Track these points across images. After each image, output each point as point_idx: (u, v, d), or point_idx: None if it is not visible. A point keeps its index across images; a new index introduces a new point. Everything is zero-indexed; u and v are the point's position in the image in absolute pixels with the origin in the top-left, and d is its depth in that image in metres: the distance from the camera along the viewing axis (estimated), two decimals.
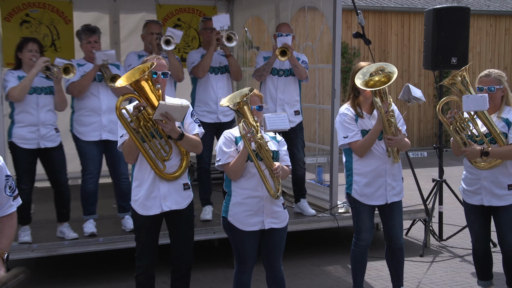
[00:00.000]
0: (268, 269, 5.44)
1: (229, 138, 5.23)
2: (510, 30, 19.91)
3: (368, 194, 5.71)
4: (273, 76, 7.72)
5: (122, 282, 6.79)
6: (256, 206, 5.19)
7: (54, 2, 9.62)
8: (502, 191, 5.61)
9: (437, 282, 6.84)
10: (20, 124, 6.76)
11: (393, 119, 5.50)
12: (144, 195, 5.16)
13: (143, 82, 4.88)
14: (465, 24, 8.22)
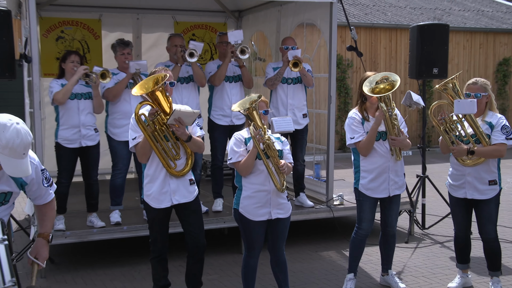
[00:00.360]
0: (272, 254, 5.53)
1: (239, 139, 5.32)
2: (483, 45, 20.04)
3: (373, 188, 5.82)
4: (283, 84, 7.80)
5: (143, 265, 6.79)
6: (264, 199, 5.28)
7: (85, 20, 9.74)
8: (483, 186, 5.71)
9: (420, 265, 6.95)
10: (64, 126, 6.92)
11: (396, 122, 5.65)
12: (156, 190, 5.27)
13: (157, 92, 5.05)
14: (444, 39, 8.37)
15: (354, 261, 6.07)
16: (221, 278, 6.53)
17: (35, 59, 6.91)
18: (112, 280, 6.60)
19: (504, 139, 5.58)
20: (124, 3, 9.54)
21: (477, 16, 22.40)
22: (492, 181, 5.74)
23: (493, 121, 5.67)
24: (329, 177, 8.04)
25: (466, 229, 6.05)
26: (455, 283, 6.14)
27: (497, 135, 5.61)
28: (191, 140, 5.19)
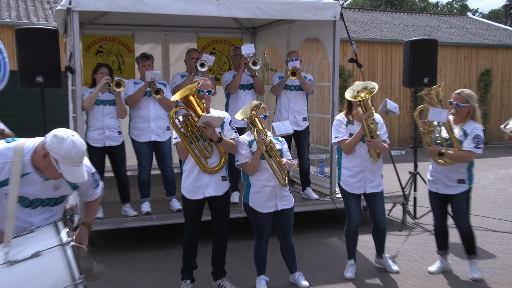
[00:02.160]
0: (282, 241, 5.66)
1: (243, 142, 5.38)
2: (467, 57, 20.06)
3: (350, 184, 5.86)
4: (286, 90, 7.86)
5: (170, 249, 6.98)
6: (270, 193, 5.39)
7: (120, 37, 9.86)
8: (452, 183, 5.79)
9: (412, 251, 7.00)
10: (91, 128, 7.05)
11: (373, 126, 5.61)
12: (190, 184, 5.32)
13: (191, 97, 5.09)
14: (434, 53, 8.41)
15: (351, 249, 6.13)
16: (238, 260, 6.61)
17: (77, 70, 7.03)
18: (143, 261, 6.67)
19: (473, 147, 5.59)
20: (154, 22, 9.58)
21: (462, 32, 22.44)
22: (460, 180, 5.79)
23: (468, 130, 5.67)
24: (332, 173, 8.04)
25: (443, 220, 6.10)
26: (435, 267, 6.20)
27: (468, 143, 5.62)
28: (221, 141, 5.21)
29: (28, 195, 3.50)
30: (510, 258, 6.73)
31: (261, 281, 5.64)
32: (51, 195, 3.61)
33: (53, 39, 6.98)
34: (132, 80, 7.39)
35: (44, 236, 3.22)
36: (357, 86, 5.74)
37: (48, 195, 3.59)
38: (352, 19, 21.29)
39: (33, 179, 3.47)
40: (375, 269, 6.32)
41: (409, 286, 5.79)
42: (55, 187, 3.58)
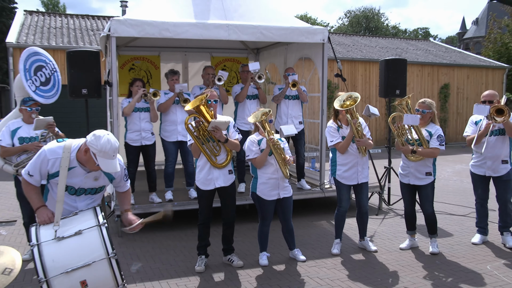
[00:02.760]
0: (283, 223, 5.68)
1: (253, 141, 5.40)
2: (430, 74, 20.11)
3: (346, 177, 5.82)
4: (285, 99, 7.80)
5: (188, 230, 6.98)
6: (274, 184, 5.41)
7: (149, 56, 9.83)
8: (421, 176, 5.79)
9: (386, 231, 6.99)
10: (130, 131, 7.03)
11: (359, 128, 5.65)
12: (203, 177, 5.32)
13: (201, 106, 5.13)
14: (403, 69, 8.33)
15: (339, 230, 6.10)
16: (243, 240, 6.54)
17: (114, 84, 7.02)
18: (166, 239, 6.63)
19: (438, 145, 5.67)
20: (175, 44, 9.57)
21: (426, 54, 22.50)
22: (428, 173, 5.81)
23: (432, 131, 5.74)
24: (322, 168, 7.98)
25: (412, 206, 6.09)
26: (404, 244, 6.20)
27: (433, 142, 5.69)
28: (227, 142, 5.21)
29: (74, 184, 3.60)
30: (464, 236, 6.75)
31: (263, 256, 5.66)
32: (92, 185, 3.70)
33: (95, 59, 7.02)
34: (162, 91, 7.33)
35: (85, 218, 3.31)
36: (343, 96, 5.75)
37: (89, 185, 3.68)
38: (337, 42, 21.25)
39: (78, 172, 3.59)
40: (357, 247, 6.26)
41: (384, 260, 5.78)
42: (95, 178, 3.67)
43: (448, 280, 5.14)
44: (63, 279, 2.95)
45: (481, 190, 6.24)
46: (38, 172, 3.55)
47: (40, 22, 18.95)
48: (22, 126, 5.67)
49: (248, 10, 7.61)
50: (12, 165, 5.58)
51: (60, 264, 3.00)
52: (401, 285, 5.03)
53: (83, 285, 3.04)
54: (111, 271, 3.10)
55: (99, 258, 3.08)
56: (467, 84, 21.00)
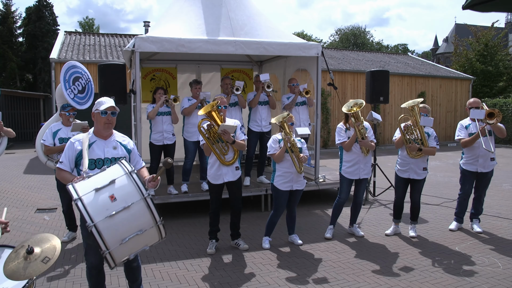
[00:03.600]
0: (288, 209, 5.64)
1: (275, 139, 5.36)
2: (409, 83, 19.91)
3: (349, 172, 5.75)
4: (295, 106, 7.68)
5: (201, 218, 6.86)
6: (290, 177, 5.36)
7: (167, 68, 9.73)
8: (420, 171, 5.74)
9: (372, 219, 6.91)
10: (154, 132, 6.96)
11: (362, 130, 5.58)
12: (213, 173, 5.29)
13: (212, 112, 5.10)
14: (386, 80, 8.27)
15: (334, 217, 6.03)
16: (248, 227, 6.46)
17: (138, 92, 6.99)
18: (182, 226, 6.56)
19: (435, 145, 5.68)
20: (190, 58, 9.47)
21: (405, 66, 22.35)
22: (424, 168, 5.78)
23: (429, 132, 5.74)
24: (316, 164, 7.89)
25: (403, 197, 6.02)
26: (389, 230, 6.12)
27: (432, 142, 5.69)
28: (234, 143, 5.17)
29: (98, 156, 3.55)
30: (438, 222, 6.72)
31: (266, 240, 5.63)
32: (112, 155, 3.59)
33: (122, 71, 6.99)
34: (186, 98, 7.24)
35: (114, 170, 3.20)
36: (350, 102, 5.71)
37: (110, 154, 3.58)
38: (329, 56, 21.12)
39: (98, 144, 3.58)
40: (347, 233, 6.19)
41: (370, 244, 5.72)
42: (114, 147, 3.62)
43: (424, 259, 5.10)
44: (108, 223, 2.91)
45: (469, 186, 6.13)
46: (66, 158, 3.55)
47: (77, 41, 19.02)
48: (62, 128, 5.73)
49: (252, 28, 7.54)
50: (54, 161, 5.69)
51: (101, 210, 2.96)
52: (384, 265, 4.97)
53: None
54: (148, 210, 3.04)
55: (136, 200, 3.01)
56: (440, 92, 20.89)
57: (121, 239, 2.94)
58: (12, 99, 22.05)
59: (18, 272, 2.54)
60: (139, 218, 3.01)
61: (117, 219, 2.94)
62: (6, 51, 30.04)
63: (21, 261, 2.58)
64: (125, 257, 3.06)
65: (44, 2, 33.29)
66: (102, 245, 2.90)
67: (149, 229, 3.04)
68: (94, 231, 2.88)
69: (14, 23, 32.73)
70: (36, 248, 2.65)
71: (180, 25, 7.27)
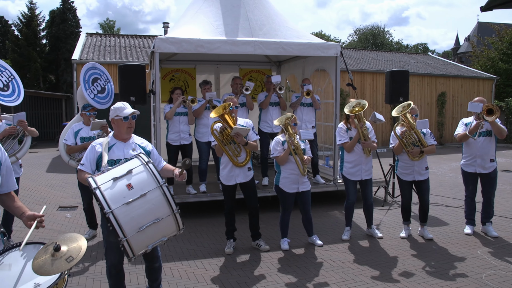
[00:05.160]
0: (303, 213, 5.58)
1: (278, 141, 5.32)
2: (429, 83, 19.55)
3: (351, 173, 5.71)
4: (300, 107, 7.69)
5: (218, 218, 6.79)
6: (294, 179, 5.32)
7: (186, 68, 9.80)
8: (423, 171, 5.69)
9: (390, 220, 6.83)
10: (171, 132, 7.00)
11: (365, 132, 5.54)
12: (226, 174, 5.30)
13: (225, 115, 5.10)
14: (406, 80, 8.11)
15: (348, 219, 5.99)
16: (266, 227, 6.44)
17: (157, 92, 7.06)
18: (200, 225, 6.58)
19: (433, 141, 5.65)
20: (209, 58, 9.54)
21: (425, 66, 21.99)
22: (426, 167, 5.75)
23: (424, 131, 5.67)
24: (335, 165, 7.83)
25: (410, 200, 5.96)
26: (404, 233, 6.03)
27: (429, 140, 5.65)
28: (247, 144, 5.17)
29: (118, 157, 3.62)
30: (458, 225, 6.56)
31: (284, 241, 5.58)
32: (131, 156, 3.61)
33: (142, 72, 7.01)
34: (198, 98, 7.29)
35: (132, 162, 3.28)
36: (352, 103, 5.66)
37: (129, 155, 3.62)
38: (348, 56, 20.94)
39: (118, 146, 3.67)
40: (365, 234, 6.13)
41: (388, 246, 5.64)
42: (133, 149, 3.68)
43: (445, 262, 5.00)
44: (124, 210, 2.97)
45: (472, 187, 6.03)
46: (87, 159, 3.61)
47: (98, 42, 19.31)
48: (83, 128, 5.82)
49: (271, 28, 7.53)
50: (75, 160, 5.78)
51: (119, 197, 3.02)
52: (403, 267, 4.89)
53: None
54: (164, 198, 3.08)
55: (152, 188, 3.06)
56: (461, 92, 20.49)
57: (138, 227, 2.98)
58: (36, 100, 22.52)
59: (43, 267, 2.61)
60: (155, 206, 3.05)
61: (133, 206, 2.99)
62: (31, 52, 30.71)
63: (48, 257, 2.66)
64: (143, 248, 3.08)
65: (68, 5, 33.94)
66: (119, 232, 2.95)
67: (165, 217, 3.08)
68: (111, 218, 2.94)
69: (38, 26, 33.44)
70: (63, 246, 2.71)
71: (199, 26, 7.31)
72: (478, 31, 55.84)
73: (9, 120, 5.47)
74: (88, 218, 6.09)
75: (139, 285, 4.47)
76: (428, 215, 5.93)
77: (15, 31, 34.58)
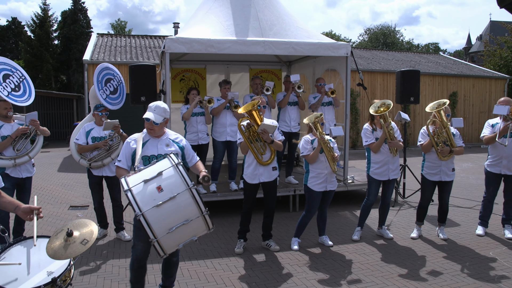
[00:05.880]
0: (319, 210, 5.57)
1: (307, 140, 5.30)
2: (440, 83, 19.31)
3: (378, 173, 5.65)
4: (321, 106, 7.63)
5: (228, 218, 6.88)
6: (323, 178, 5.29)
7: (196, 68, 9.77)
8: (450, 172, 5.64)
9: (401, 221, 6.77)
10: (189, 132, 7.03)
11: (391, 131, 5.52)
12: (250, 172, 5.28)
13: (253, 112, 5.11)
14: (417, 79, 8.07)
15: (362, 219, 5.96)
16: (276, 227, 6.39)
17: (168, 92, 7.05)
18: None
19: (462, 143, 5.58)
20: (219, 58, 9.52)
21: (436, 65, 21.81)
22: (453, 168, 5.69)
23: (454, 132, 5.62)
24: (345, 165, 7.79)
25: (429, 201, 5.91)
26: (415, 234, 5.99)
27: (459, 141, 5.58)
28: (273, 143, 5.16)
29: (152, 153, 3.73)
30: (469, 226, 6.52)
31: (295, 241, 5.58)
32: (165, 151, 3.74)
33: (152, 72, 7.02)
34: (215, 98, 7.27)
35: (162, 163, 3.33)
36: (378, 103, 5.64)
37: (163, 151, 3.74)
38: (359, 56, 20.86)
39: (152, 143, 3.79)
40: (375, 235, 6.10)
41: (399, 246, 5.61)
42: (166, 145, 3.78)
43: (456, 264, 4.95)
44: (155, 212, 3.03)
45: (493, 188, 5.94)
46: (124, 156, 3.76)
47: (109, 42, 19.45)
48: (95, 127, 5.87)
49: (281, 28, 7.51)
50: (86, 159, 5.82)
51: (149, 200, 3.08)
52: (414, 268, 4.86)
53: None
54: (193, 200, 3.12)
55: (182, 190, 3.12)
56: (473, 92, 20.27)
57: (168, 228, 3.05)
58: (47, 100, 22.75)
59: (59, 252, 2.75)
60: (184, 208, 3.11)
61: (163, 208, 3.05)
62: (43, 53, 31.05)
63: (61, 243, 2.79)
64: (175, 247, 3.17)
65: (79, 6, 34.27)
66: (150, 234, 3.02)
67: (195, 219, 3.14)
68: (142, 220, 3.00)
69: (50, 27, 33.82)
70: (75, 232, 2.87)
71: (209, 26, 7.32)
72: (490, 30, 55.23)
73: (21, 120, 5.52)
74: (98, 218, 6.13)
75: (149, 284, 4.49)
76: (446, 215, 5.89)
77: (27, 32, 35.04)
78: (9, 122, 5.39)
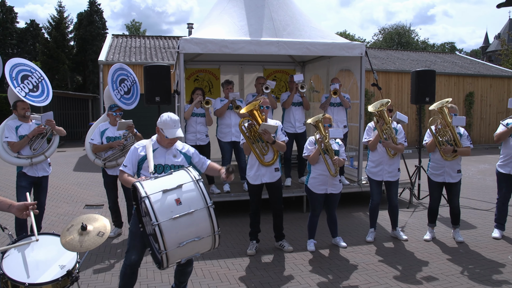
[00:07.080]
0: (328, 214, 5.56)
1: (311, 141, 5.30)
2: (456, 83, 19.10)
3: (372, 172, 5.67)
4: (331, 106, 7.60)
5: (242, 218, 6.88)
6: (324, 180, 5.26)
7: (210, 69, 9.82)
8: (455, 173, 5.56)
9: (416, 223, 6.71)
10: (188, 132, 7.03)
11: (386, 130, 5.44)
12: (252, 173, 5.26)
13: (254, 111, 5.07)
14: (432, 79, 7.97)
15: (373, 220, 5.93)
16: (290, 227, 6.40)
17: (182, 93, 7.13)
18: (224, 225, 6.58)
19: (469, 144, 5.49)
20: (233, 58, 9.52)
21: (452, 65, 21.55)
22: (459, 170, 5.60)
23: (461, 132, 5.55)
24: (359, 165, 7.75)
25: (438, 202, 5.86)
26: (428, 236, 5.92)
27: (465, 142, 5.49)
28: (275, 143, 5.12)
29: (159, 163, 3.69)
30: (486, 228, 6.43)
31: (310, 243, 5.55)
32: (172, 162, 3.71)
33: (166, 72, 7.04)
34: (219, 98, 7.31)
35: (182, 175, 3.25)
36: (377, 103, 5.70)
37: (170, 161, 3.71)
38: (373, 56, 20.71)
39: (160, 152, 3.73)
40: (389, 236, 6.05)
41: (413, 248, 5.55)
42: (174, 155, 3.74)
43: (472, 267, 4.87)
44: (170, 224, 2.98)
45: (506, 189, 5.82)
46: (130, 162, 3.71)
47: (124, 43, 19.64)
48: (109, 127, 5.92)
49: (295, 28, 7.49)
50: (101, 159, 5.89)
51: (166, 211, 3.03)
52: (429, 271, 4.80)
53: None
54: (209, 219, 3.09)
55: (200, 207, 3.07)
56: (490, 92, 19.96)
57: (179, 242, 3.01)
58: (63, 100, 23.09)
59: (74, 244, 2.86)
60: (199, 225, 3.06)
61: (179, 222, 3.00)
62: (60, 54, 31.53)
63: (76, 236, 2.89)
64: (177, 260, 3.12)
65: (95, 7, 34.72)
66: (161, 245, 2.95)
67: (206, 237, 3.10)
68: (157, 230, 2.94)
69: (66, 28, 34.31)
70: (88, 226, 3.00)
71: (224, 26, 7.34)
72: (509, 28, 54.25)
73: (38, 120, 5.61)
74: (113, 217, 6.19)
75: (163, 283, 4.52)
76: (460, 218, 5.82)
77: (44, 34, 35.59)
78: (27, 122, 5.49)
